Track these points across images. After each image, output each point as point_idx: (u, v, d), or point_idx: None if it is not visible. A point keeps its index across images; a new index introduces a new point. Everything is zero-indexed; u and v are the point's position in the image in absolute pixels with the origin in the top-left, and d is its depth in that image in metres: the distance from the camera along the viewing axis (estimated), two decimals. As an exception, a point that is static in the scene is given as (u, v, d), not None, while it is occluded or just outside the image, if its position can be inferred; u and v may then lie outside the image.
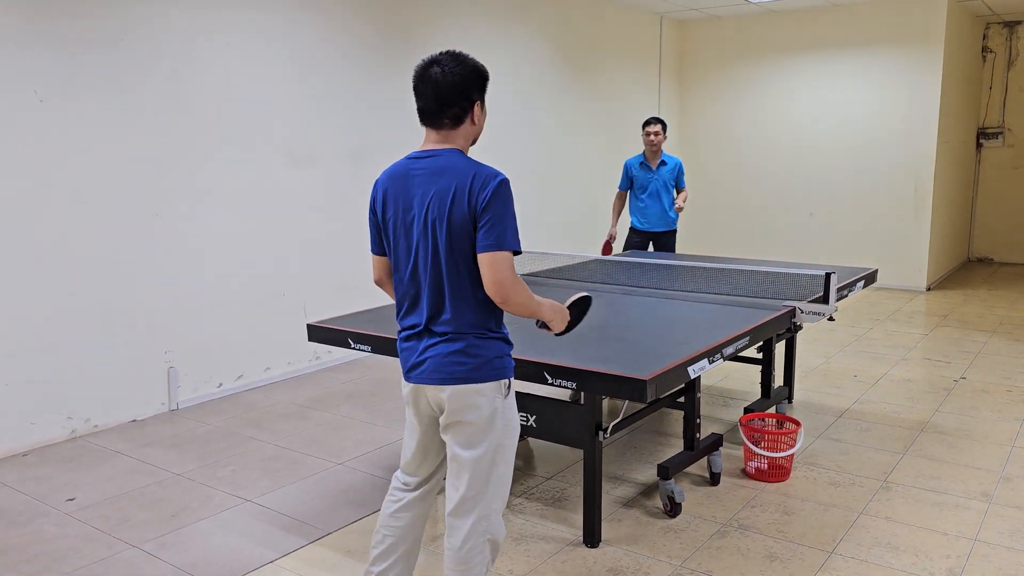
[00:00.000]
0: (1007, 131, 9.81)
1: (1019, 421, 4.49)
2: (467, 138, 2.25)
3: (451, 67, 2.17)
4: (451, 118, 2.19)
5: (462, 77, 2.17)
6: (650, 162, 6.04)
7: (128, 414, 4.62)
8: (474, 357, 2.18)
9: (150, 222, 4.63)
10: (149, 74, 4.54)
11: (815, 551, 3.07)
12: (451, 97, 2.17)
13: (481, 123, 2.28)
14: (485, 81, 2.25)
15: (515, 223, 2.14)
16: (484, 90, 2.25)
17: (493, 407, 2.21)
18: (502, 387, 2.24)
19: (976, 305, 7.63)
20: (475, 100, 2.21)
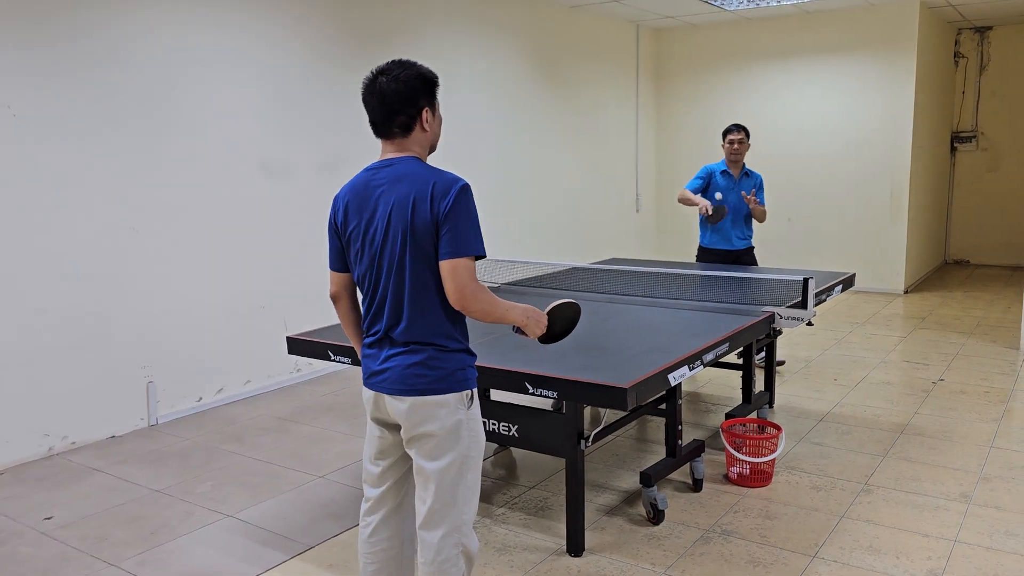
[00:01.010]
0: (980, 135, 9.94)
1: (996, 422, 4.53)
2: (422, 145, 2.24)
3: (396, 75, 2.16)
4: (400, 127, 2.19)
5: (407, 84, 2.16)
6: (732, 171, 5.57)
7: (106, 430, 4.57)
8: (435, 369, 2.17)
9: (127, 236, 4.58)
10: (125, 88, 4.51)
11: (798, 555, 3.08)
12: (397, 105, 2.16)
13: (435, 129, 2.26)
14: (433, 86, 2.22)
15: (478, 228, 2.13)
16: (433, 95, 2.23)
17: (456, 419, 2.20)
18: (464, 398, 2.22)
19: (953, 307, 7.71)
20: (423, 106, 2.19)
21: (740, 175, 5.58)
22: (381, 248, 2.16)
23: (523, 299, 4.20)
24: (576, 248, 8.42)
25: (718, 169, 5.63)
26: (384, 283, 2.18)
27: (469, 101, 6.92)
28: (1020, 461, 3.97)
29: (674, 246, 9.84)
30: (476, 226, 2.12)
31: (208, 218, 4.99)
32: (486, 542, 3.23)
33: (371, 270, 2.20)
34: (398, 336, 2.18)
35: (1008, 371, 5.53)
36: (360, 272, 2.24)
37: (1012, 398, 4.95)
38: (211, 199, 4.99)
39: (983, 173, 10.03)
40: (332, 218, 2.29)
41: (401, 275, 2.15)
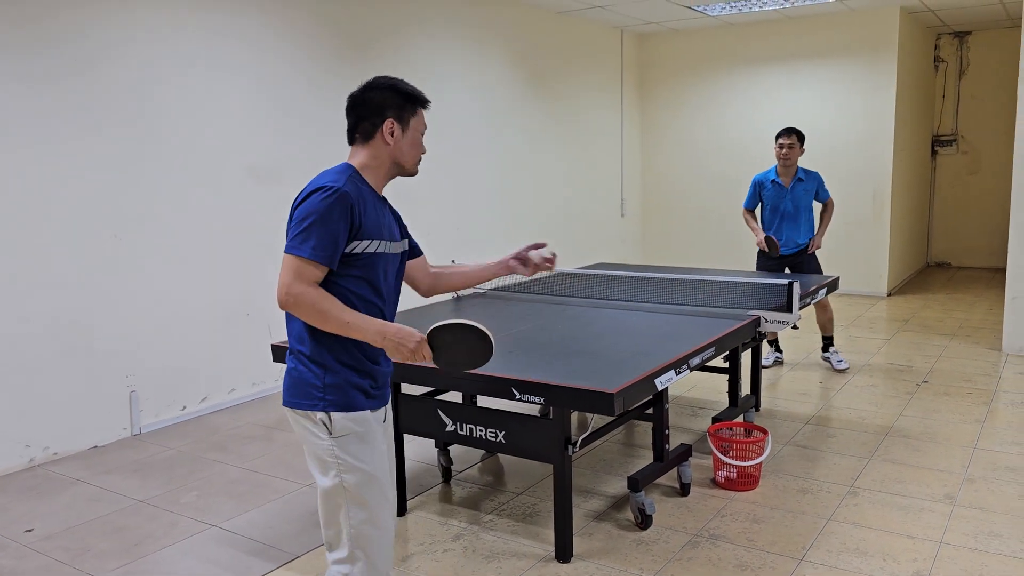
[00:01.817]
0: (960, 138, 10.04)
1: (980, 423, 4.57)
2: (380, 159, 2.19)
3: (373, 83, 2.19)
4: (362, 133, 2.19)
5: (377, 91, 2.17)
6: (782, 179, 5.39)
7: (89, 440, 4.52)
8: (290, 377, 2.15)
9: (110, 243, 4.54)
10: (107, 92, 4.47)
11: (785, 559, 3.09)
12: (363, 111, 2.17)
13: (400, 146, 2.19)
14: (405, 101, 2.19)
15: (315, 232, 2.00)
16: (402, 110, 2.18)
17: (315, 442, 2.11)
18: (315, 420, 2.10)
19: (936, 309, 7.77)
20: (388, 117, 2.16)
21: (792, 182, 5.38)
22: None
23: (508, 305, 4.19)
24: (562, 253, 8.41)
25: (768, 179, 5.45)
26: None
27: (455, 106, 6.92)
28: (1004, 462, 4.00)
29: (659, 251, 9.87)
30: (313, 228, 2.00)
31: (192, 224, 4.95)
32: (474, 549, 3.22)
33: None
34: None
35: (991, 372, 5.58)
36: None
37: (995, 399, 4.99)
38: (195, 205, 4.96)
39: (963, 176, 10.12)
40: None
41: None
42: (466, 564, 3.10)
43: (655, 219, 9.84)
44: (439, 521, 3.49)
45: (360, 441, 2.13)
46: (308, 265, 2.01)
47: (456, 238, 7.04)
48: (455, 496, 3.75)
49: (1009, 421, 4.59)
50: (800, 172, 5.45)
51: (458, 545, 3.26)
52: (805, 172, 5.47)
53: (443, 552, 3.21)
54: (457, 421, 3.30)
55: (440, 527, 3.43)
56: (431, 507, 3.63)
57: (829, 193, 5.63)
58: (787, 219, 5.48)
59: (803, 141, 5.39)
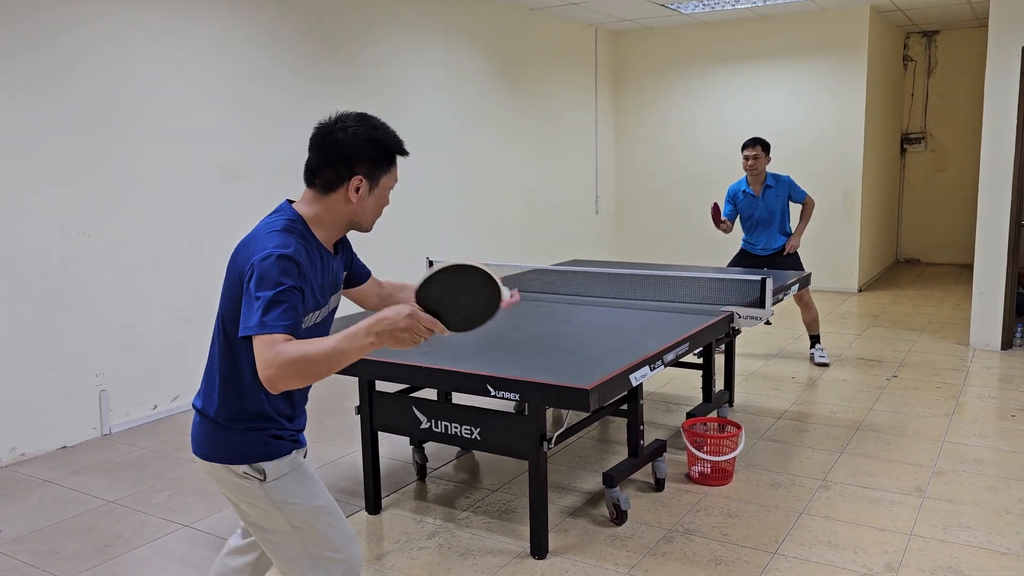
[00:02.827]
0: (929, 136, 10.18)
1: (948, 416, 4.64)
2: (333, 214, 1.95)
3: (349, 126, 1.91)
4: (323, 181, 1.92)
5: (351, 138, 1.90)
6: (752, 188, 5.54)
7: (57, 441, 4.45)
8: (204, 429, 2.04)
9: (77, 240, 4.47)
10: (73, 86, 4.40)
11: (759, 552, 3.12)
12: (330, 154, 1.90)
13: (365, 206, 1.96)
14: (381, 156, 1.93)
15: (270, 306, 1.76)
16: (376, 165, 1.93)
17: (249, 491, 2.01)
18: (239, 472, 1.99)
19: (905, 305, 7.88)
20: (356, 172, 1.91)
21: (762, 189, 5.52)
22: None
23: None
24: (536, 250, 8.43)
25: (740, 189, 5.60)
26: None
27: (428, 103, 6.89)
28: (971, 455, 4.06)
29: (633, 247, 9.91)
30: (266, 304, 1.76)
31: (162, 222, 4.89)
32: (450, 547, 3.21)
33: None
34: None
35: (959, 367, 5.66)
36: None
37: (963, 393, 5.07)
38: (165, 202, 4.90)
39: (932, 174, 10.27)
40: None
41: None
42: (441, 561, 3.09)
43: (629, 216, 9.87)
44: (414, 519, 3.48)
45: (298, 480, 2.00)
46: (279, 341, 1.75)
47: (430, 235, 7.01)
48: (430, 493, 3.74)
49: (976, 415, 4.66)
50: (769, 179, 5.56)
51: (433, 543, 3.25)
52: (774, 178, 5.58)
53: (418, 550, 3.20)
54: (432, 418, 3.29)
55: (415, 525, 3.42)
56: (406, 505, 3.62)
57: (805, 192, 5.70)
58: (762, 225, 5.62)
59: (768, 150, 5.51)
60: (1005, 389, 5.14)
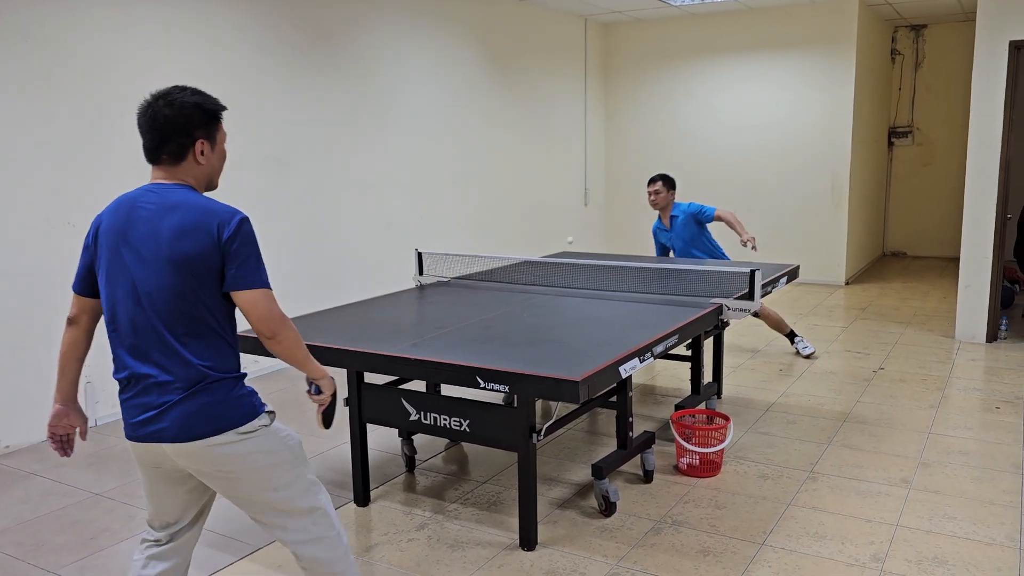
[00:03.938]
0: (916, 130, 10.22)
1: (934, 408, 4.67)
2: (196, 177, 2.11)
3: (173, 99, 2.05)
4: (169, 154, 2.06)
5: (181, 111, 2.04)
6: (663, 222, 5.68)
7: (42, 433, 4.42)
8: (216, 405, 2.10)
9: (62, 231, 4.43)
10: (61, 76, 4.35)
11: (747, 543, 3.13)
12: (169, 131, 2.04)
13: (212, 163, 2.13)
14: (213, 117, 2.11)
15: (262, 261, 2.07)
16: (211, 127, 2.11)
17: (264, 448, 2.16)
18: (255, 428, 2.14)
19: (892, 298, 7.92)
20: (198, 137, 2.07)
21: (671, 221, 5.63)
22: (143, 276, 2.02)
23: (473, 293, 4.18)
24: (526, 242, 8.42)
25: (657, 227, 5.75)
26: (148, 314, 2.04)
27: (418, 95, 6.86)
28: (957, 446, 4.09)
29: (622, 239, 9.91)
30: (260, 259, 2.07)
31: (148, 213, 4.85)
32: (438, 539, 3.21)
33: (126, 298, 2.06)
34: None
35: (944, 359, 5.70)
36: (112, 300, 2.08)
37: (948, 385, 5.11)
38: (151, 193, 4.85)
39: (918, 167, 10.32)
40: (88, 238, 2.13)
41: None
42: (430, 553, 3.09)
43: (618, 208, 9.87)
44: (403, 511, 3.47)
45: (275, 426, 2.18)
46: (272, 296, 2.07)
47: (419, 225, 6.99)
48: (419, 485, 3.74)
49: (962, 407, 4.70)
50: (674, 210, 5.63)
51: (422, 535, 3.25)
52: (677, 207, 5.62)
53: (407, 542, 3.19)
54: (421, 410, 3.29)
55: (404, 517, 3.42)
56: (395, 497, 3.62)
57: (713, 208, 5.61)
58: (688, 251, 5.68)
59: (672, 185, 5.57)
60: (990, 381, 5.18)
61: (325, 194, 6.04)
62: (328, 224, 6.08)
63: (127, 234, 2.03)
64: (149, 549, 2.22)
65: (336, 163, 6.09)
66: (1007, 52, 5.83)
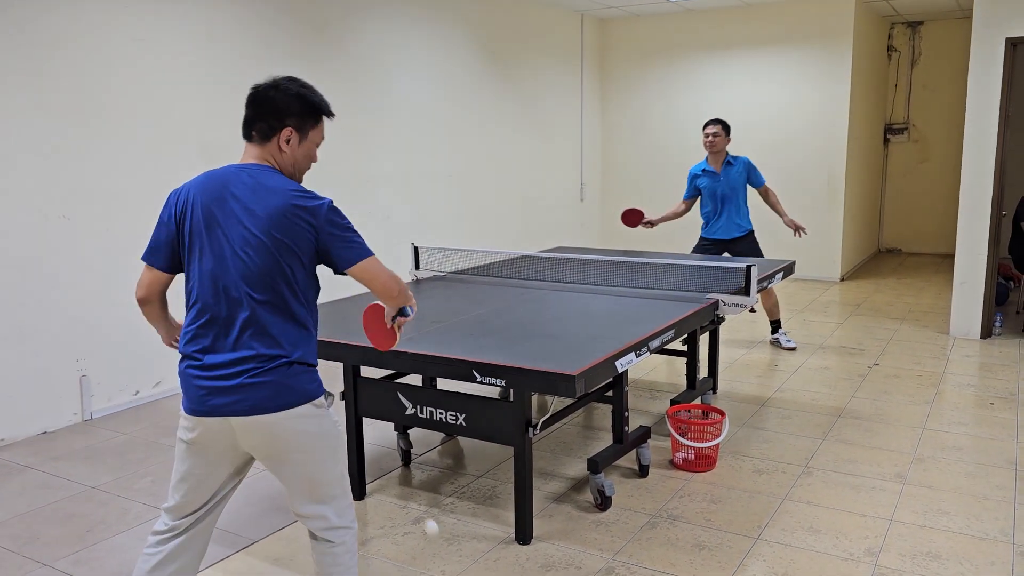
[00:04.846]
0: (912, 127, 10.24)
1: (929, 404, 4.68)
2: (280, 164, 2.16)
3: (280, 84, 2.14)
4: (259, 132, 2.14)
5: (282, 95, 2.12)
6: (713, 166, 5.70)
7: (38, 426, 4.41)
8: (283, 384, 2.19)
9: (58, 224, 4.42)
10: (55, 67, 4.34)
11: (742, 538, 3.14)
12: (263, 111, 2.13)
13: (295, 155, 2.17)
14: (309, 112, 2.15)
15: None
16: (304, 120, 2.15)
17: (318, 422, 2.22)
18: (318, 405, 2.21)
19: (887, 294, 7.94)
20: (288, 125, 2.13)
21: (723, 167, 5.67)
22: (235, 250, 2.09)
23: (469, 288, 4.18)
24: (522, 237, 8.42)
25: (699, 169, 5.76)
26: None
27: (414, 90, 6.85)
28: (951, 442, 4.11)
29: (618, 234, 9.91)
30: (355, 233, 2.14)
31: (145, 206, 4.84)
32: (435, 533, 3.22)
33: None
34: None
35: (939, 355, 5.72)
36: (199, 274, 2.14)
37: (943, 381, 5.12)
38: (148, 184, 4.84)
39: (914, 164, 10.33)
40: (170, 212, 2.19)
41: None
42: (426, 547, 3.10)
43: (615, 203, 9.87)
44: (399, 504, 3.48)
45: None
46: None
47: (415, 221, 6.99)
48: (415, 479, 3.74)
49: (956, 402, 4.71)
50: (729, 157, 5.70)
51: (418, 528, 3.25)
52: (733, 157, 5.72)
53: (403, 535, 3.20)
54: (417, 404, 3.29)
55: (400, 510, 3.42)
56: (391, 490, 3.62)
57: (764, 179, 5.82)
58: (726, 203, 5.72)
59: (728, 131, 5.67)
60: (984, 377, 5.20)
61: (320, 188, 6.03)
62: (324, 218, 6.06)
63: (219, 211, 2.08)
64: (160, 546, 2.19)
65: (331, 157, 6.08)
66: (1003, 49, 5.84)
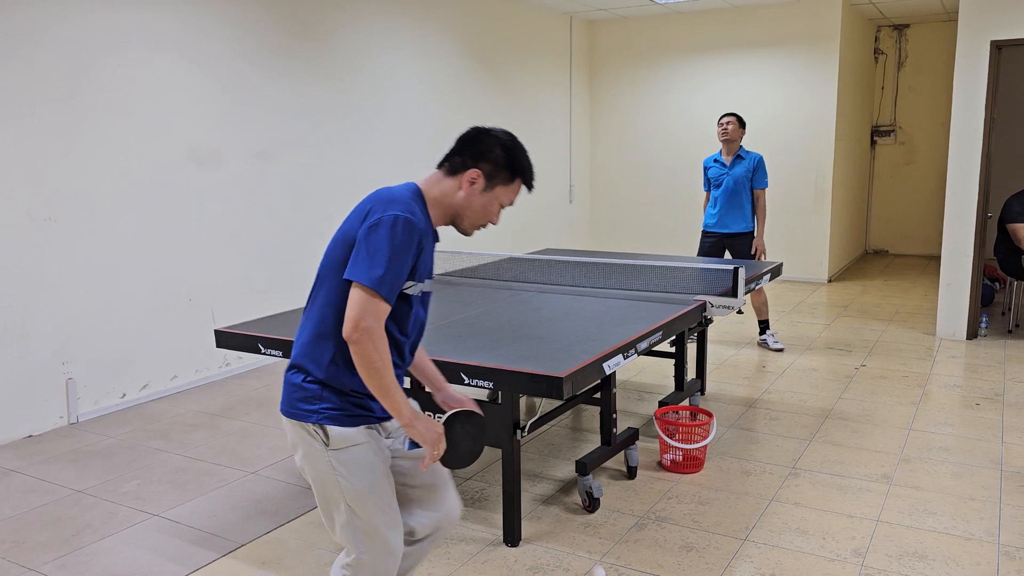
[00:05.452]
0: (898, 129, 10.30)
1: (915, 405, 4.71)
2: (448, 198, 2.04)
3: (492, 130, 2.07)
4: (449, 163, 2.06)
5: (490, 141, 2.04)
6: (724, 157, 5.82)
7: (23, 430, 4.38)
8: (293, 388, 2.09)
9: (43, 227, 4.39)
10: (41, 68, 4.31)
11: (729, 539, 3.15)
12: (463, 146, 2.05)
13: (471, 200, 2.04)
14: (506, 166, 2.04)
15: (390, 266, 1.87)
16: (498, 171, 2.03)
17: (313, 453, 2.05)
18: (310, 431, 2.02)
19: (874, 295, 7.98)
20: (479, 166, 2.02)
21: (733, 159, 5.79)
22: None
23: (457, 290, 4.18)
24: (510, 239, 8.42)
25: (711, 159, 5.90)
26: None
27: (403, 91, 6.84)
28: (937, 442, 4.13)
29: (607, 236, 9.93)
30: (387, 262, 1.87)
31: (132, 207, 4.81)
32: (422, 534, 3.21)
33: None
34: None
35: (925, 356, 5.76)
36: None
37: (929, 382, 5.15)
38: (135, 187, 4.82)
39: (901, 166, 10.40)
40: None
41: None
42: (414, 549, 3.09)
43: (603, 205, 9.89)
44: (387, 507, 3.46)
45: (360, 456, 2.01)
46: (379, 301, 1.86)
47: (404, 223, 6.97)
48: (403, 482, 3.73)
49: (942, 403, 4.74)
50: (741, 151, 5.82)
51: (406, 531, 3.24)
52: (745, 152, 5.83)
53: (391, 538, 3.19)
54: (405, 407, 3.27)
55: (388, 513, 3.41)
56: (379, 493, 3.61)
57: (766, 183, 5.88)
58: (730, 195, 5.81)
59: (743, 125, 5.80)
60: (970, 378, 5.24)
61: (310, 190, 6.02)
62: (313, 220, 6.06)
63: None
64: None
65: (320, 158, 6.07)
66: (988, 52, 5.89)
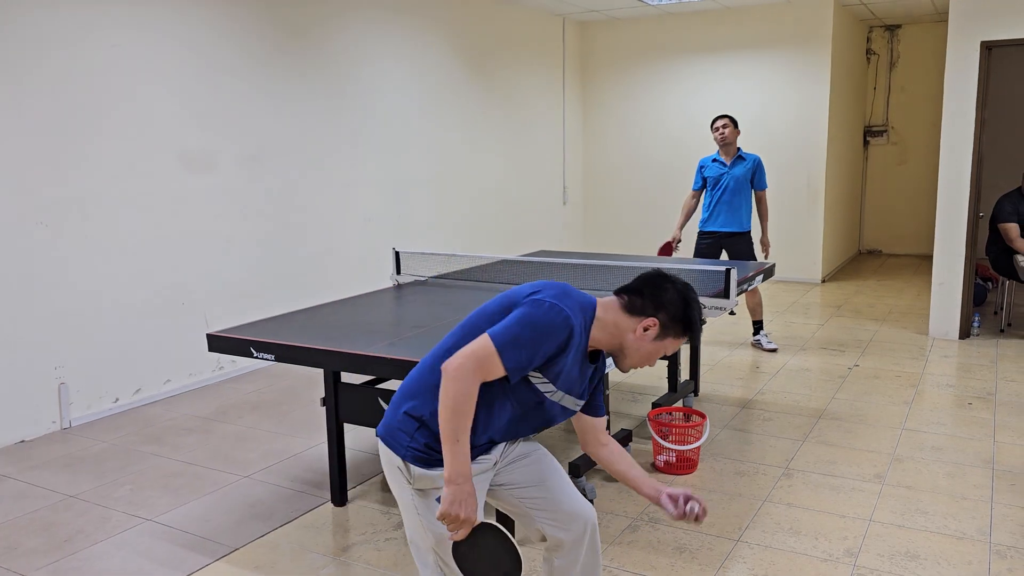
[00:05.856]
0: (891, 129, 10.33)
1: (908, 405, 4.72)
2: (618, 329, 2.06)
3: (679, 285, 2.09)
4: (629, 299, 2.08)
5: (675, 294, 2.06)
6: (724, 158, 5.83)
7: (15, 435, 4.36)
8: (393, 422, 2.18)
9: (35, 231, 4.38)
10: (32, 73, 4.30)
11: (723, 540, 3.16)
12: (649, 291, 2.07)
13: (641, 345, 2.06)
14: (680, 321, 2.06)
15: (525, 339, 1.91)
16: (673, 325, 2.06)
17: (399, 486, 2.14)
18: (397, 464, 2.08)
19: (867, 295, 8.01)
20: (656, 315, 2.05)
21: (733, 160, 5.80)
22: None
23: (449, 292, 4.18)
24: (504, 241, 8.43)
25: (710, 159, 5.90)
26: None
27: (395, 94, 6.84)
28: (930, 442, 4.15)
29: (601, 238, 9.94)
30: (525, 334, 1.92)
31: (123, 212, 4.80)
32: (416, 538, 3.21)
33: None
34: None
35: (918, 356, 5.77)
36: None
37: (922, 382, 5.17)
38: (126, 192, 4.81)
39: (893, 166, 10.43)
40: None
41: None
42: (408, 553, 3.09)
43: (597, 207, 9.90)
44: (381, 510, 3.47)
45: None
46: (496, 359, 1.91)
47: (396, 224, 6.98)
48: (397, 485, 3.73)
49: (935, 403, 4.76)
50: (741, 152, 5.84)
51: (400, 534, 3.25)
52: (746, 153, 5.85)
53: (385, 541, 3.19)
54: (398, 410, 3.27)
55: (382, 516, 3.41)
56: (373, 496, 3.61)
57: (766, 184, 5.88)
58: (730, 195, 5.81)
59: (737, 124, 5.81)
60: (963, 377, 5.25)
61: (301, 193, 6.01)
62: (304, 224, 6.05)
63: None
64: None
65: (312, 162, 6.06)
66: (979, 53, 5.91)
